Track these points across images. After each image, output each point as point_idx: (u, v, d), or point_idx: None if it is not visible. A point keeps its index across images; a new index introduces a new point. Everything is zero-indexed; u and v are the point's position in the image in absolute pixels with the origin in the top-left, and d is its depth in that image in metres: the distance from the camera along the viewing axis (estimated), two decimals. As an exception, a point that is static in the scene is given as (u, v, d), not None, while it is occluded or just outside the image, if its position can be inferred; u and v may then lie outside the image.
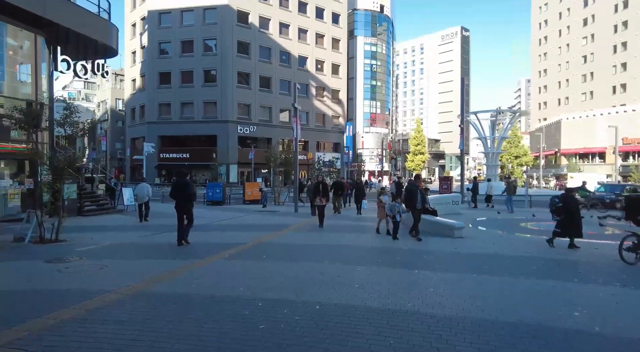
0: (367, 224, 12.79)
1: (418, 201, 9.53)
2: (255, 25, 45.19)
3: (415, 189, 9.64)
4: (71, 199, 15.00)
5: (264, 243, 8.72)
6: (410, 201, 9.58)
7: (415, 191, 9.59)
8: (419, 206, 9.60)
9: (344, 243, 8.76)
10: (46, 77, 14.93)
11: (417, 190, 9.62)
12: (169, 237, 9.73)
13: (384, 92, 65.25)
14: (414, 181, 10.28)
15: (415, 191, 9.59)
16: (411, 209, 9.64)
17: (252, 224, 12.89)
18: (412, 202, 9.55)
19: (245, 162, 41.53)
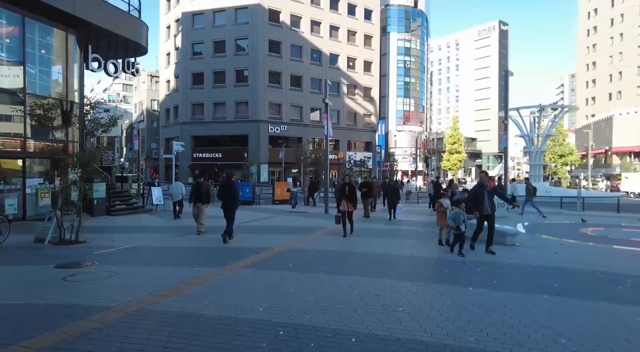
0: (403, 228, 11.72)
1: (485, 206, 7.71)
2: (286, 23, 44.78)
3: (482, 191, 7.81)
4: (100, 198, 14.87)
5: (290, 249, 7.90)
6: (475, 206, 7.72)
7: (482, 194, 7.77)
8: (486, 210, 7.75)
9: (380, 251, 7.78)
10: (77, 76, 14.86)
11: (484, 192, 7.79)
12: (192, 240, 9.12)
13: (418, 89, 63.24)
14: (481, 180, 8.16)
15: (482, 193, 7.78)
16: (476, 216, 7.79)
17: (279, 226, 12.15)
18: (478, 207, 7.69)
19: (276, 162, 41.18)
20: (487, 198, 7.76)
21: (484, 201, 7.72)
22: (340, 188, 10.47)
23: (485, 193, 7.80)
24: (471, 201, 7.84)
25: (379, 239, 9.60)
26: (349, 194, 10.02)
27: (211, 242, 8.90)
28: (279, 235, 9.94)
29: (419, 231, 11.27)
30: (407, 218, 14.32)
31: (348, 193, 10.02)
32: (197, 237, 9.60)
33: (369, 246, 8.47)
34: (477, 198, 7.79)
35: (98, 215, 14.60)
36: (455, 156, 63.02)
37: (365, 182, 15.92)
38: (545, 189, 32.76)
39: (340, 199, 10.15)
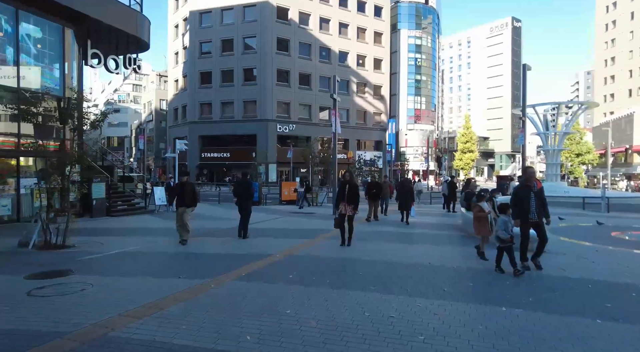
0: (417, 231, 10.85)
1: (532, 211, 6.11)
2: (295, 21, 44.09)
3: (528, 193, 6.18)
4: (99, 198, 14.31)
5: (292, 256, 7.12)
6: (520, 212, 6.13)
7: (527, 196, 6.16)
8: (532, 217, 6.11)
9: (393, 259, 6.95)
10: (76, 72, 14.31)
11: (531, 193, 6.16)
12: (187, 245, 8.40)
13: (430, 87, 62.00)
14: (528, 176, 6.48)
15: (528, 195, 6.16)
16: (521, 223, 6.14)
17: (284, 228, 11.38)
18: (522, 212, 6.12)
19: (285, 161, 40.53)
20: (534, 201, 6.12)
21: (530, 205, 6.11)
22: (340, 187, 8.81)
23: (533, 195, 6.13)
24: (515, 204, 6.22)
25: (391, 244, 8.76)
26: (349, 194, 8.36)
27: (207, 247, 8.18)
28: (282, 239, 9.17)
29: (435, 234, 10.40)
30: (420, 220, 13.42)
31: (348, 193, 8.36)
32: (192, 242, 8.87)
33: (379, 252, 7.63)
34: (521, 201, 6.16)
35: (97, 216, 14.05)
36: (467, 155, 61.59)
37: (374, 182, 14.55)
38: (563, 189, 31.44)
39: (339, 201, 8.62)
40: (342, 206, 8.44)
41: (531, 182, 6.29)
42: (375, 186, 13.93)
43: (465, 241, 9.12)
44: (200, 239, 9.33)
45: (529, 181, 6.34)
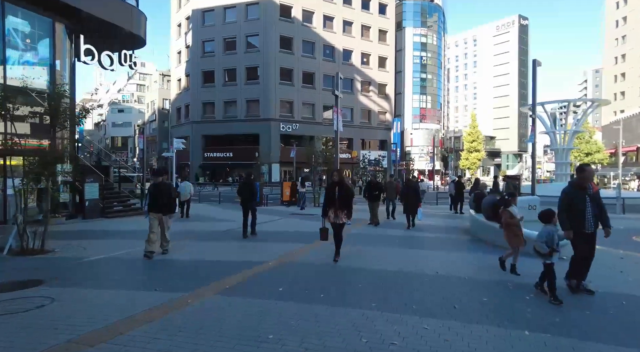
0: (423, 235, 10.17)
1: (587, 219, 4.82)
2: (298, 19, 43.51)
3: (583, 198, 4.89)
4: (92, 199, 13.79)
5: (286, 264, 6.48)
6: (574, 220, 4.86)
7: (582, 201, 4.88)
8: (589, 228, 4.84)
9: (395, 268, 6.29)
10: (68, 68, 13.79)
11: (586, 198, 4.88)
12: (173, 250, 7.81)
13: (435, 85, 61.15)
14: (585, 176, 5.00)
15: (583, 199, 4.88)
16: (574, 235, 4.87)
17: (282, 231, 10.76)
18: (576, 221, 4.86)
19: (288, 161, 39.96)
20: (590, 208, 4.85)
21: (586, 213, 4.83)
22: (328, 190, 7.07)
23: (588, 200, 4.88)
24: (564, 210, 4.92)
25: (395, 249, 8.10)
26: (341, 198, 6.74)
27: (195, 252, 7.57)
28: (278, 244, 8.54)
29: (441, 238, 9.73)
30: (426, 222, 12.74)
31: (339, 197, 6.75)
32: (182, 246, 8.28)
33: (382, 259, 6.97)
34: (574, 207, 4.88)
35: (91, 217, 13.53)
36: (474, 155, 60.63)
37: (375, 182, 13.13)
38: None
39: (328, 206, 6.90)
40: (331, 212, 6.77)
41: (587, 183, 4.96)
42: (376, 186, 12.78)
43: (475, 247, 8.45)
44: (190, 242, 8.74)
45: (584, 182, 4.95)
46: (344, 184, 7.09)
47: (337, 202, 6.69)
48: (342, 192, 6.83)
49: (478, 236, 9.51)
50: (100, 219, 13.58)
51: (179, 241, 8.80)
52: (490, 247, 8.24)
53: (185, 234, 10.12)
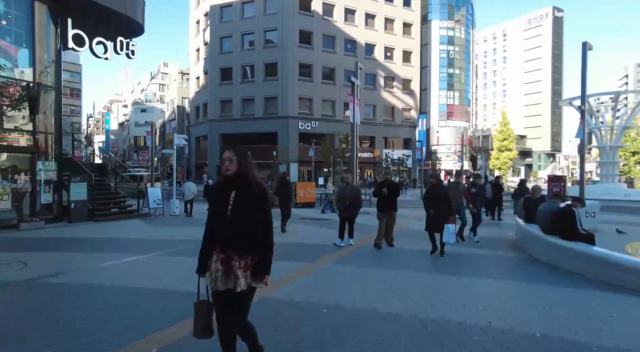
0: (460, 250, 8.10)
1: None
2: (318, 12, 41.73)
3: None
4: (79, 200, 12.38)
5: (270, 300, 4.60)
6: None
7: None
8: None
9: (427, 312, 4.34)
10: (53, 55, 12.45)
11: None
12: (139, 269, 6.09)
13: (463, 80, 57.97)
14: None
15: None
16: None
17: (284, 243, 8.92)
18: None
19: (306, 160, 38.27)
20: None
21: None
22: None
23: None
24: None
25: (420, 274, 6.11)
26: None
27: (151, 278, 5.82)
28: (274, 261, 6.70)
29: (481, 256, 7.63)
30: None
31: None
32: (137, 265, 6.57)
33: (403, 292, 5.01)
34: None
35: (77, 221, 12.14)
36: (505, 154, 57.13)
37: (389, 182, 8.59)
38: (622, 192, 27.44)
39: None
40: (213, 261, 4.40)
41: None
42: (392, 189, 8.41)
43: (532, 271, 6.34)
44: (157, 257, 7.04)
45: None
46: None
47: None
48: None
49: (531, 253, 7.38)
50: (87, 223, 12.16)
51: (151, 256, 7.12)
52: (555, 272, 6.13)
53: (179, 242, 8.45)
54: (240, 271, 2.51)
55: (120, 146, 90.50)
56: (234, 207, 2.49)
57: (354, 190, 8.54)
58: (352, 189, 8.52)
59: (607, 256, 5.42)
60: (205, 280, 2.62)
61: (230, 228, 2.49)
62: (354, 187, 8.76)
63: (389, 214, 8.28)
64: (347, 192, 8.42)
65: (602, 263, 5.44)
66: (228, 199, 2.51)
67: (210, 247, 2.57)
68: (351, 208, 8.33)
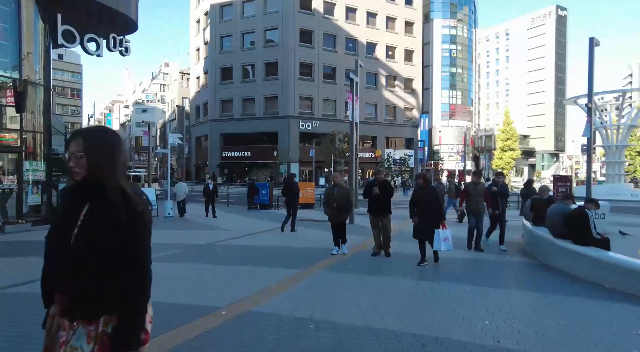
0: (461, 255, 7.63)
1: None
2: (319, 11, 41.31)
3: None
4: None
5: (249, 315, 4.14)
6: None
7: None
8: None
9: (430, 329, 3.87)
10: (41, 52, 12.05)
11: None
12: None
13: (466, 79, 57.36)
14: None
15: None
16: None
17: (277, 246, 8.48)
18: None
19: (307, 160, 37.86)
20: None
21: None
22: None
23: None
24: None
25: (423, 284, 5.63)
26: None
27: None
28: (259, 268, 6.26)
29: (484, 261, 7.14)
30: (461, 234, 10.06)
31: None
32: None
33: (404, 307, 4.55)
34: None
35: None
36: (508, 154, 56.49)
37: (381, 181, 7.53)
38: (629, 192, 26.86)
39: None
40: None
41: None
42: (383, 188, 7.30)
43: (542, 278, 5.87)
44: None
45: None
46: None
47: None
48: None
49: (540, 259, 6.91)
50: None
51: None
52: (568, 280, 5.65)
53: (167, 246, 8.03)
54: None
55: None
56: (79, 232, 1.46)
57: (342, 191, 7.52)
58: (340, 190, 7.49)
59: (628, 263, 4.93)
60: None
61: (71, 266, 1.46)
62: (343, 187, 7.66)
63: (381, 218, 7.34)
64: (334, 194, 7.43)
65: (621, 271, 4.96)
66: (77, 216, 1.49)
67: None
68: (339, 212, 7.39)
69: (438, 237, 6.34)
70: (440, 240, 6.35)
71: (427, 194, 6.65)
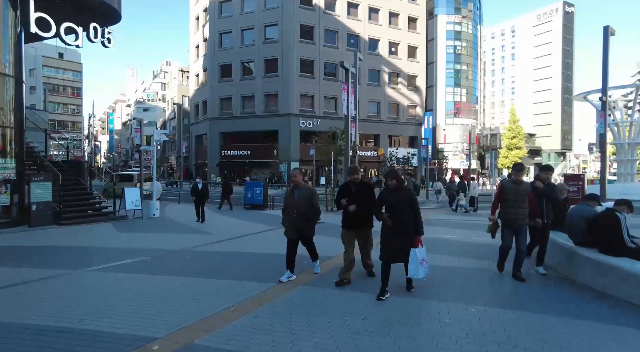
0: (468, 265, 6.66)
1: None
2: (319, 6, 40.35)
3: None
4: (43, 202, 11.13)
5: (190, 348, 3.25)
6: None
7: None
8: None
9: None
10: (11, 42, 11.21)
11: None
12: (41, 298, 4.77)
13: (471, 77, 56.20)
14: None
15: None
16: None
17: (255, 253, 7.56)
18: None
19: (308, 159, 36.92)
20: None
21: None
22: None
23: None
24: None
25: (415, 303, 4.69)
26: None
27: (39, 308, 4.49)
28: (225, 282, 5.31)
29: (500, 274, 6.16)
30: (466, 238, 9.04)
31: None
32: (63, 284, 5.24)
33: (388, 341, 3.61)
34: None
35: (39, 225, 10.89)
36: (514, 152, 55.24)
37: (360, 183, 5.48)
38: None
39: None
40: None
41: None
42: (363, 191, 5.36)
43: (569, 297, 4.88)
44: (95, 273, 5.70)
45: None
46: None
47: None
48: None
49: (558, 270, 5.93)
50: (49, 228, 10.91)
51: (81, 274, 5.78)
52: (596, 298, 4.68)
53: (142, 251, 7.14)
54: None
55: (124, 146, 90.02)
56: None
57: (304, 194, 5.41)
58: (302, 193, 5.41)
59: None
60: None
61: None
62: (304, 189, 5.50)
63: (360, 233, 5.41)
64: (294, 198, 5.42)
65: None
66: None
67: None
68: (301, 222, 5.41)
69: (415, 259, 4.63)
70: (418, 263, 4.63)
71: (399, 198, 4.74)
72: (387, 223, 4.69)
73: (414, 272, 4.66)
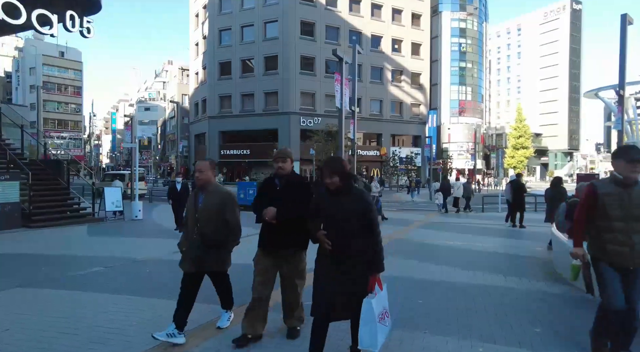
0: (477, 280, 5.66)
1: None
2: (321, 2, 39.46)
3: None
4: (11, 203, 10.26)
5: None
6: None
7: None
8: None
9: None
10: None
11: None
12: None
13: (476, 75, 54.99)
14: None
15: None
16: None
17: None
18: None
19: (309, 159, 36.02)
20: None
21: None
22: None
23: None
24: None
25: (406, 335, 3.70)
26: None
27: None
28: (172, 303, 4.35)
29: (513, 292, 5.13)
30: (472, 243, 8.08)
31: None
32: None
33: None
34: None
35: (7, 227, 10.01)
36: (520, 152, 53.94)
37: (291, 181, 3.41)
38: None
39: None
40: None
41: None
42: (293, 192, 3.35)
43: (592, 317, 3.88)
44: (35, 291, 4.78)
45: None
46: None
47: None
48: None
49: (580, 286, 4.91)
50: (16, 231, 10.03)
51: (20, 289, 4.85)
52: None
53: (104, 258, 6.21)
54: None
55: (125, 145, 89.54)
56: None
57: (212, 200, 3.45)
58: (209, 199, 3.45)
59: None
60: None
61: None
62: (216, 192, 3.50)
63: (281, 258, 3.39)
64: (197, 207, 3.47)
65: None
66: None
67: None
68: (205, 247, 3.43)
69: (369, 317, 2.63)
70: (375, 321, 2.62)
71: (344, 206, 2.77)
72: (324, 246, 2.79)
73: (367, 341, 2.62)
